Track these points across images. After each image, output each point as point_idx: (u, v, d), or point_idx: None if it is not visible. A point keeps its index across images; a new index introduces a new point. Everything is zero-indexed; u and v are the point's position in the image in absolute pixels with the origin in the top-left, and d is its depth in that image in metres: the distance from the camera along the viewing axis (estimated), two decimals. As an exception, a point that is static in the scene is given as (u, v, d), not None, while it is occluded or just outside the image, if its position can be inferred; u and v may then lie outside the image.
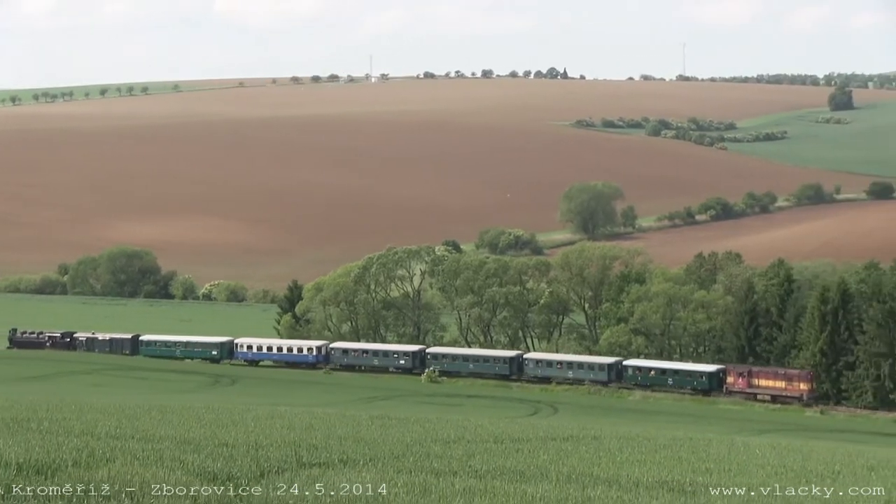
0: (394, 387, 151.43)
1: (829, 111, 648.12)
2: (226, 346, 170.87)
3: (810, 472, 35.09)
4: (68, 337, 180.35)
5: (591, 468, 31.00)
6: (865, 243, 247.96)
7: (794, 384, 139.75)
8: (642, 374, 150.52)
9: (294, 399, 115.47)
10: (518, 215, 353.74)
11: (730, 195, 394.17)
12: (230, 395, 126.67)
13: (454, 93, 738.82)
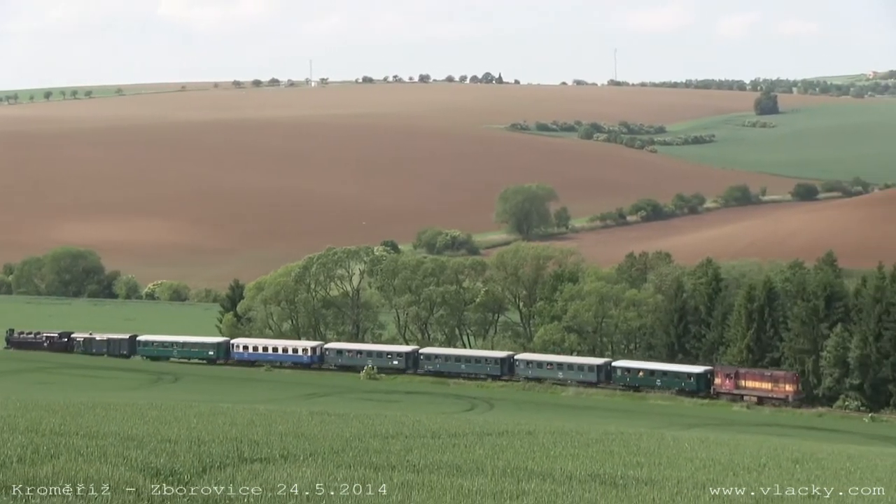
0: (333, 384, 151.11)
1: (755, 115, 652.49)
2: (222, 347, 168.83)
3: (737, 465, 35.25)
4: (66, 337, 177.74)
5: (526, 462, 31.00)
6: (790, 243, 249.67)
7: (780, 385, 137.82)
8: (631, 375, 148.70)
9: (236, 396, 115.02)
10: (455, 216, 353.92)
11: (660, 197, 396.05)
12: (173, 392, 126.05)
13: (392, 97, 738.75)
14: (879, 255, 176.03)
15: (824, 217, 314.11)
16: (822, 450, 49.77)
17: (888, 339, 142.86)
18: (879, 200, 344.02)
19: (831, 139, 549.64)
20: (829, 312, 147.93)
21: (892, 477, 35.62)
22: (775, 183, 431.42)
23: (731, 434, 78.83)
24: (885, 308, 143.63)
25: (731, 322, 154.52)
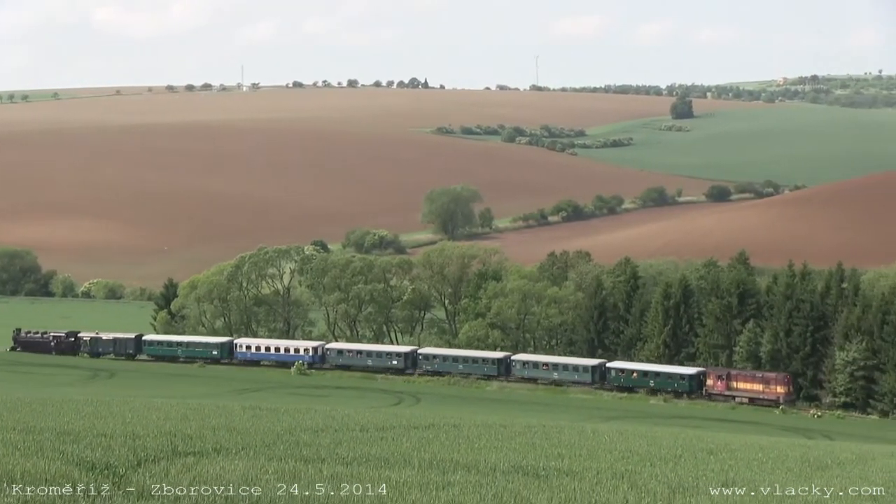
0: (265, 379, 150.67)
1: (671, 119, 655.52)
2: (226, 347, 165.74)
3: (654, 455, 35.44)
4: (72, 336, 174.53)
5: (451, 454, 31.02)
6: (705, 243, 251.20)
7: (771, 387, 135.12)
8: (625, 376, 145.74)
9: (170, 391, 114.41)
10: (382, 217, 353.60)
11: (580, 198, 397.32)
12: (109, 388, 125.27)
13: (321, 101, 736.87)
14: (790, 253, 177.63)
15: (737, 217, 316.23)
16: (736, 441, 50.15)
17: (798, 334, 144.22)
18: (789, 201, 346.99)
19: (744, 142, 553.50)
20: (741, 309, 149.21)
21: (809, 468, 35.96)
22: (690, 184, 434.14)
23: (649, 426, 79.23)
24: (795, 304, 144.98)
25: (649, 318, 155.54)
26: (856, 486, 28.27)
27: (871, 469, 36.58)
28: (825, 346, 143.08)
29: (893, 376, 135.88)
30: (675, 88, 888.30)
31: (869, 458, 43.17)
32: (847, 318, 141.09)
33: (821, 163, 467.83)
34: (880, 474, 34.02)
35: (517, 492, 22.99)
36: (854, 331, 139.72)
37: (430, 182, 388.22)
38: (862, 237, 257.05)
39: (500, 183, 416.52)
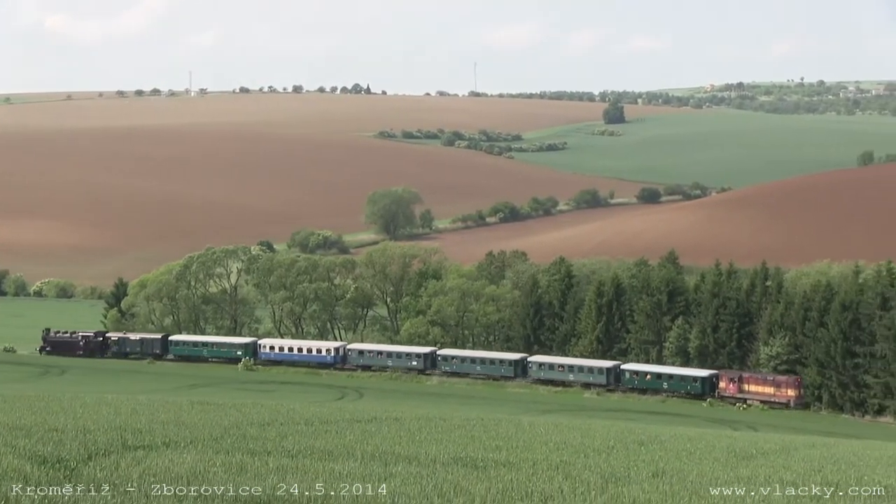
0: (213, 375, 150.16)
1: (603, 124, 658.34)
2: (250, 347, 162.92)
3: (588, 447, 35.56)
4: (101, 336, 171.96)
5: (393, 447, 31.01)
6: (636, 243, 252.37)
7: (782, 390, 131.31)
8: (639, 378, 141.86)
9: (120, 387, 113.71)
10: (326, 218, 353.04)
11: (516, 200, 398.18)
12: (60, 384, 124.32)
13: (267, 106, 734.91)
14: (717, 253, 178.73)
15: (666, 218, 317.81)
16: (665, 432, 50.40)
17: (724, 330, 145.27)
18: (716, 203, 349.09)
19: (673, 147, 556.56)
20: (671, 306, 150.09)
21: (735, 458, 36.19)
22: (622, 187, 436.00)
23: (583, 419, 79.49)
24: (721, 302, 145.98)
25: (582, 315, 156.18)
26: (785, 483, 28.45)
27: (793, 459, 36.87)
28: (750, 341, 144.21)
29: (815, 370, 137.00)
30: (607, 95, 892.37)
31: (792, 448, 43.51)
32: (771, 315, 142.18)
33: (746, 166, 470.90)
34: (802, 464, 34.30)
35: (456, 482, 23.01)
36: (777, 327, 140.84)
37: (373, 184, 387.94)
38: (785, 237, 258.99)
39: (439, 185, 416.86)
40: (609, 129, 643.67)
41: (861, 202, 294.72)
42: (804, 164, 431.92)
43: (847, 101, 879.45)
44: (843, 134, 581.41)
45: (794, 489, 25.87)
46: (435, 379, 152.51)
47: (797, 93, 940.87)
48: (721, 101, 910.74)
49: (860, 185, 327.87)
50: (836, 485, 27.17)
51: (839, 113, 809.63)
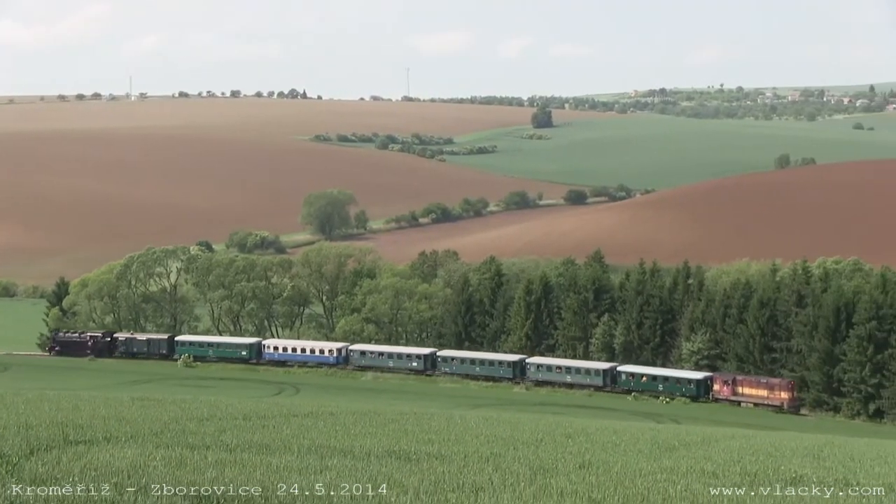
0: (153, 371, 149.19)
1: (532, 128, 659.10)
2: (254, 347, 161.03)
3: (517, 440, 35.61)
4: (109, 336, 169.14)
5: (329, 440, 30.91)
6: (563, 242, 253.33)
7: (775, 392, 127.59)
8: (634, 380, 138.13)
9: (62, 384, 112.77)
10: (264, 219, 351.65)
11: (448, 201, 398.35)
12: (1, 381, 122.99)
13: (206, 110, 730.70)
14: (641, 252, 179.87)
15: (593, 219, 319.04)
16: (592, 425, 50.57)
17: (648, 326, 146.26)
18: (641, 204, 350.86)
19: (599, 150, 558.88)
20: (597, 303, 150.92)
21: (658, 449, 36.37)
22: (550, 189, 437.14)
23: (513, 413, 79.68)
24: (645, 299, 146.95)
25: (512, 313, 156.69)
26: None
27: (714, 450, 37.13)
28: (673, 337, 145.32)
29: (734, 365, 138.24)
30: (535, 100, 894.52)
31: (713, 439, 43.81)
32: (692, 312, 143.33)
33: (669, 169, 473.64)
34: (722, 455, 34.56)
35: (390, 474, 22.99)
36: (699, 323, 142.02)
37: (309, 186, 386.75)
38: (706, 237, 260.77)
39: (373, 187, 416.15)
40: (537, 133, 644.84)
41: (778, 203, 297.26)
42: (724, 167, 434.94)
43: (764, 107, 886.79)
44: (760, 138, 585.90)
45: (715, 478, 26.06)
46: (369, 375, 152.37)
47: (717, 98, 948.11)
48: (645, 106, 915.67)
49: (777, 187, 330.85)
50: (754, 474, 27.40)
51: (757, 118, 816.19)
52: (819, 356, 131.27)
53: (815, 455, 37.76)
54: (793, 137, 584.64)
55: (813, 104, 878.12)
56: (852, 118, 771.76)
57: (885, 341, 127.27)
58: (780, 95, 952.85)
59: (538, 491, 21.98)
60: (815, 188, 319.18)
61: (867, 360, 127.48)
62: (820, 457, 37.07)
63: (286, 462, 24.57)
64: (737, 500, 22.42)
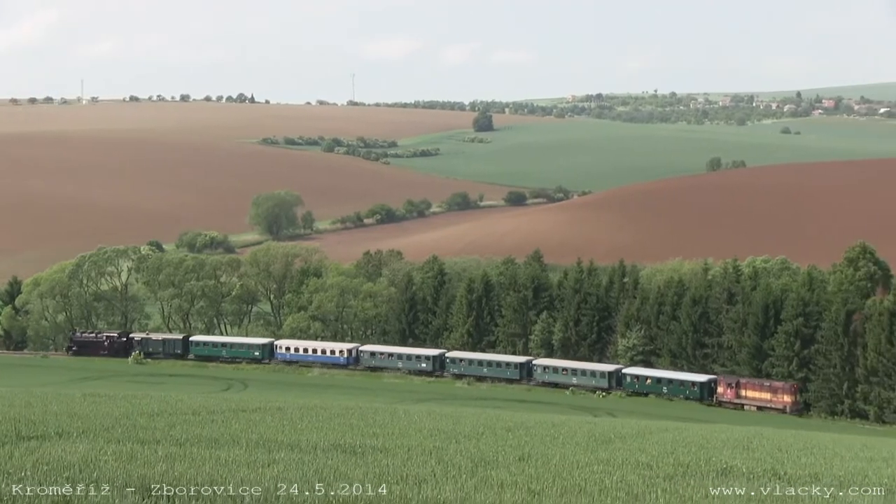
0: (104, 368, 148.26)
1: (473, 132, 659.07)
2: (266, 348, 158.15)
3: (459, 433, 35.67)
4: (125, 337, 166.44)
5: (276, 435, 30.85)
6: (503, 242, 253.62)
7: (778, 396, 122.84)
8: (639, 382, 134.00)
9: (15, 381, 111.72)
10: (213, 219, 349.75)
11: (392, 202, 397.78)
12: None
13: (156, 114, 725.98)
14: (578, 251, 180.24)
15: (532, 220, 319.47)
16: (531, 419, 50.76)
17: (586, 323, 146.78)
18: (578, 205, 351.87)
19: (538, 153, 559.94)
20: (536, 301, 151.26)
21: (595, 442, 36.52)
22: (491, 190, 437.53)
23: (455, 407, 79.76)
24: (583, 297, 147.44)
25: (454, 310, 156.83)
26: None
27: (648, 442, 37.34)
28: (609, 333, 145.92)
29: (668, 360, 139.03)
30: (476, 104, 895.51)
31: (647, 432, 44.05)
32: (628, 309, 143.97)
33: (605, 171, 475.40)
34: (656, 447, 34.76)
35: (336, 467, 22.96)
36: (634, 320, 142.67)
37: (257, 188, 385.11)
38: (641, 237, 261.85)
39: (320, 189, 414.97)
40: (479, 136, 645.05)
41: (710, 204, 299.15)
42: (658, 170, 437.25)
43: (696, 112, 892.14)
44: (693, 142, 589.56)
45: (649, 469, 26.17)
46: (316, 370, 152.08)
47: (651, 104, 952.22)
48: (582, 110, 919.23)
49: (709, 189, 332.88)
50: (686, 465, 27.56)
51: (689, 122, 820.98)
52: (749, 351, 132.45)
53: (744, 446, 38.08)
54: (723, 141, 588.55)
55: (743, 109, 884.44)
56: (780, 123, 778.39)
57: (811, 337, 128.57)
58: (712, 101, 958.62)
59: (479, 483, 22.02)
60: (745, 190, 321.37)
61: (794, 355, 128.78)
62: (749, 448, 37.39)
63: (234, 456, 24.48)
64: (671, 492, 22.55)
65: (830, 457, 35.42)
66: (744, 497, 22.30)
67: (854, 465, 32.69)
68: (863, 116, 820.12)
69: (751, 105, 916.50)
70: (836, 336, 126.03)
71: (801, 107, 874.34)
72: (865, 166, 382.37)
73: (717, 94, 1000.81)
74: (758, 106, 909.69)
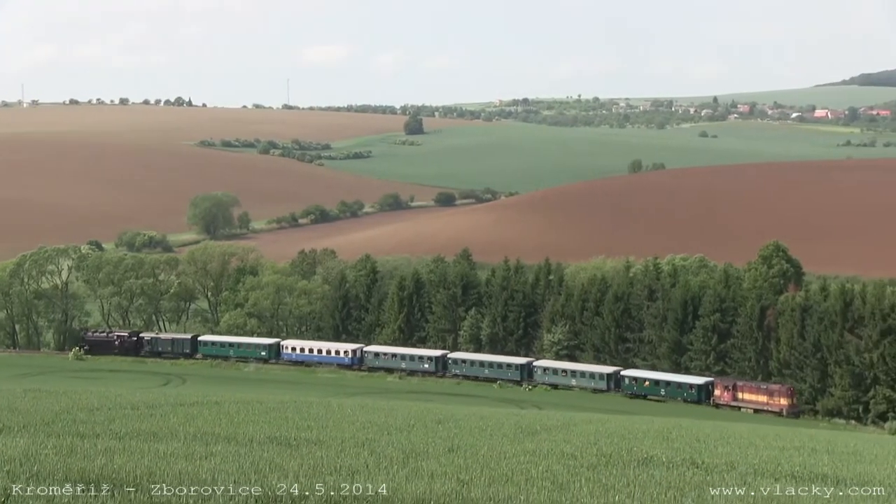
0: (45, 364, 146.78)
1: (404, 135, 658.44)
2: (273, 348, 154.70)
3: (391, 426, 35.65)
4: (135, 336, 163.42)
5: (214, 428, 30.67)
6: (433, 241, 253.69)
7: (774, 399, 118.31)
8: (637, 384, 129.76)
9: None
10: (152, 219, 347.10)
11: (326, 203, 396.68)
12: None
13: (96, 117, 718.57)
14: (505, 250, 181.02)
15: (461, 220, 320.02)
16: (460, 411, 50.82)
17: (513, 319, 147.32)
18: (506, 206, 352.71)
19: (466, 155, 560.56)
20: (465, 298, 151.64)
21: (522, 433, 36.60)
22: (421, 191, 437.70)
23: (386, 400, 79.76)
24: (510, 294, 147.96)
25: (386, 307, 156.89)
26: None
27: (572, 433, 37.52)
28: (535, 329, 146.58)
29: (591, 354, 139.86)
30: (407, 108, 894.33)
31: (571, 424, 44.26)
32: (553, 305, 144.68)
33: (531, 173, 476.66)
34: (580, 438, 34.93)
35: (271, 459, 22.88)
36: (559, 316, 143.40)
37: (195, 189, 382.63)
38: (566, 236, 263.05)
39: (256, 190, 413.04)
40: (409, 139, 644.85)
41: (631, 205, 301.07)
42: (582, 172, 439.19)
43: (618, 116, 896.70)
44: (615, 145, 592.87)
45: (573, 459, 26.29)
46: (252, 366, 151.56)
47: (575, 108, 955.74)
48: (509, 114, 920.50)
49: (630, 190, 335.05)
50: (609, 455, 27.72)
51: (612, 126, 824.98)
52: (668, 346, 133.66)
53: (664, 437, 38.37)
54: (644, 144, 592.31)
55: (662, 114, 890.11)
56: (698, 127, 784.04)
57: (728, 332, 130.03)
58: (633, 105, 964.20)
59: (410, 473, 22.04)
60: (665, 191, 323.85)
61: (711, 349, 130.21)
62: (669, 438, 37.68)
63: (173, 448, 24.32)
64: (594, 481, 22.67)
65: (745, 446, 35.77)
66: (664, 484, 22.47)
67: (767, 453, 33.05)
68: (776, 121, 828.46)
69: (670, 110, 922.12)
70: (751, 331, 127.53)
71: (717, 111, 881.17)
72: (778, 168, 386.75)
73: (639, 99, 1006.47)
74: (677, 111, 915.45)
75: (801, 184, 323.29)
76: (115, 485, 19.12)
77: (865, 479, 26.28)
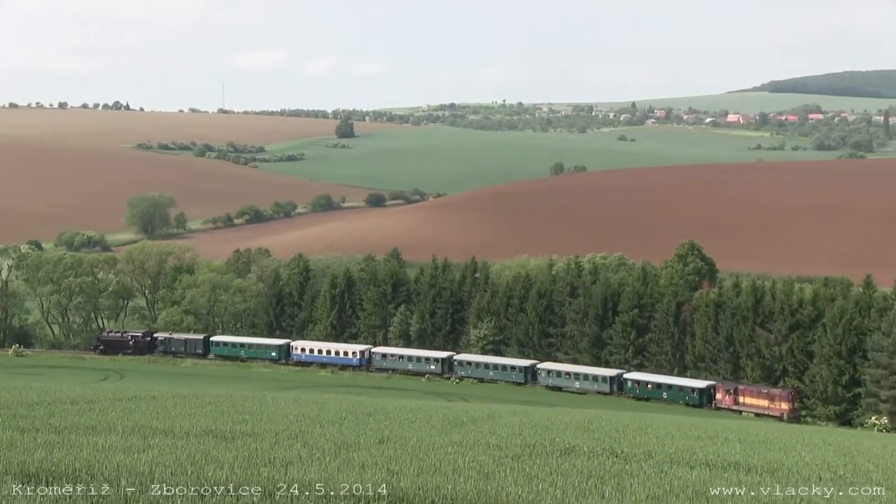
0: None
1: (336, 138, 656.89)
2: (283, 349, 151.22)
3: (324, 419, 35.55)
4: (149, 336, 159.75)
5: (151, 422, 30.40)
6: (365, 241, 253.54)
7: (776, 403, 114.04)
8: (640, 387, 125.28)
9: None
10: (90, 219, 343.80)
11: (260, 204, 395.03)
12: None
13: (35, 120, 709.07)
14: (434, 249, 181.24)
15: (391, 220, 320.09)
16: (390, 404, 50.78)
17: (441, 315, 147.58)
18: (434, 207, 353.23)
19: (396, 158, 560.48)
20: (395, 295, 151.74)
21: (449, 425, 36.67)
22: (353, 193, 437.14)
23: (319, 394, 79.54)
24: (438, 291, 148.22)
25: (319, 304, 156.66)
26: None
27: (498, 424, 37.61)
28: (462, 324, 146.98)
29: (516, 349, 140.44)
30: (339, 112, 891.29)
31: (497, 416, 44.36)
32: (479, 302, 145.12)
33: (458, 175, 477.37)
34: (505, 429, 35.03)
35: (207, 451, 22.73)
36: (485, 312, 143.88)
37: (132, 190, 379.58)
38: (491, 235, 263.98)
39: (192, 191, 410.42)
40: (341, 142, 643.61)
41: (554, 205, 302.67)
42: (507, 174, 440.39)
43: (542, 120, 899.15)
44: (538, 148, 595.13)
45: (499, 450, 26.33)
46: (188, 361, 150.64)
47: (500, 112, 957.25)
48: (436, 119, 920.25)
49: (553, 191, 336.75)
50: (532, 446, 27.82)
51: (535, 130, 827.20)
52: (589, 340, 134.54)
53: (585, 427, 38.59)
54: (566, 148, 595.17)
55: (583, 118, 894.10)
56: (617, 131, 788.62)
57: (646, 327, 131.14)
58: (555, 110, 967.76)
59: (342, 464, 21.98)
60: (586, 192, 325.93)
61: (630, 344, 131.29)
62: (590, 429, 37.89)
63: (111, 442, 24.07)
64: (519, 470, 22.75)
65: (662, 436, 36.05)
66: (585, 473, 22.59)
67: (683, 443, 33.34)
68: (691, 125, 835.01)
69: (591, 114, 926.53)
70: (668, 325, 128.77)
71: (635, 116, 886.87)
72: (693, 171, 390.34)
73: (561, 104, 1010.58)
74: (597, 115, 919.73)
75: (714, 185, 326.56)
76: (54, 478, 18.90)
77: (775, 467, 26.59)
